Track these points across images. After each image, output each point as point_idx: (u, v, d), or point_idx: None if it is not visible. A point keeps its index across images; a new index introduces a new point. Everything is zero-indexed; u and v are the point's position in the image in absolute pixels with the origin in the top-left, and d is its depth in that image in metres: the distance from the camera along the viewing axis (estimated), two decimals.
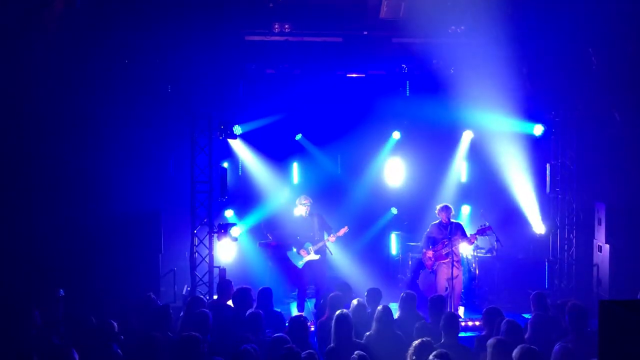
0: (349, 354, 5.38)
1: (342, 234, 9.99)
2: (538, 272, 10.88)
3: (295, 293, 10.31)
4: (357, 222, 11.21)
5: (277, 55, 10.20)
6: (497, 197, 11.36)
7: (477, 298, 10.59)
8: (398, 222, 12.11)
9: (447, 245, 9.37)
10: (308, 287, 10.24)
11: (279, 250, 10.49)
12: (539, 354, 5.31)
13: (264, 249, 11.13)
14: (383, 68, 10.85)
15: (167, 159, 10.92)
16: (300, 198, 9.98)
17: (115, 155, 9.81)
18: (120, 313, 7.20)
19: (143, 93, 9.92)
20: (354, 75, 11.04)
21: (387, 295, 8.08)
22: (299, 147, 12.08)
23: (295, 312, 9.83)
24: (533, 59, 10.29)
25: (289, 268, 9.98)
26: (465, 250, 10.60)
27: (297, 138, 12.00)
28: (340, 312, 6.23)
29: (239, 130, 10.22)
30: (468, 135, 11.90)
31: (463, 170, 12.45)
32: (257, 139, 11.23)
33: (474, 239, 9.69)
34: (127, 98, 9.76)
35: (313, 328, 7.99)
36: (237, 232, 9.89)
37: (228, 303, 7.71)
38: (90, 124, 9.54)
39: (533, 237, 11.21)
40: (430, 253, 9.57)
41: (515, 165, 11.18)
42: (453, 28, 9.74)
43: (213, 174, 9.84)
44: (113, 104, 9.62)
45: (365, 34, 9.90)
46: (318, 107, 11.36)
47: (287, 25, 9.56)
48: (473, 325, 9.06)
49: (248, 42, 9.94)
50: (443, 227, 9.54)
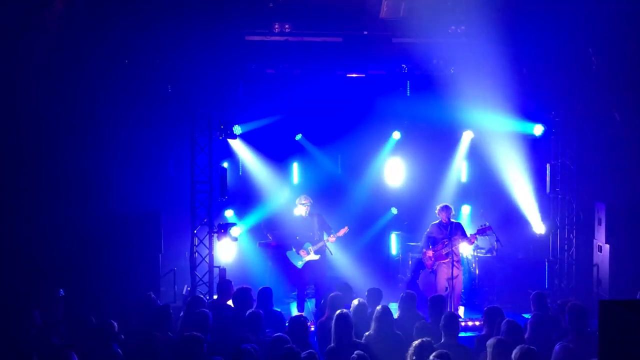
0: (349, 354, 5.38)
1: (342, 234, 9.99)
2: (538, 272, 10.88)
3: (295, 293, 10.31)
4: (357, 222, 11.21)
5: (277, 55, 10.19)
6: (497, 197, 11.36)
7: (477, 298, 10.59)
8: (398, 222, 12.11)
9: (447, 245, 9.37)
10: (308, 287, 10.24)
11: (279, 250, 10.48)
12: (539, 355, 5.31)
13: (264, 249, 11.13)
14: (383, 68, 10.84)
15: (167, 159, 10.92)
16: (301, 198, 9.98)
17: (115, 155, 9.81)
18: (120, 313, 7.20)
19: (143, 93, 9.91)
20: (354, 75, 11.03)
21: (387, 295, 8.09)
22: (299, 147, 12.08)
23: (295, 312, 9.83)
24: (533, 59, 10.28)
25: (289, 268, 9.97)
26: (466, 250, 10.60)
27: (297, 138, 11.99)
28: (340, 312, 6.23)
29: (239, 130, 10.22)
30: (468, 135, 11.89)
31: (463, 170, 12.44)
32: (257, 139, 11.23)
33: (474, 239, 9.69)
34: (127, 98, 9.76)
35: (313, 328, 8.00)
36: (237, 232, 9.89)
37: (228, 303, 7.71)
38: (90, 124, 9.53)
39: (533, 237, 11.21)
40: (431, 253, 9.57)
41: (515, 165, 11.17)
42: (453, 28, 9.73)
43: (213, 174, 9.84)
44: (113, 104, 9.61)
45: (365, 34, 9.89)
46: (318, 107, 11.35)
47: (287, 25, 9.56)
48: (473, 325, 9.07)
49: (248, 42, 9.93)
50: (443, 227, 9.54)
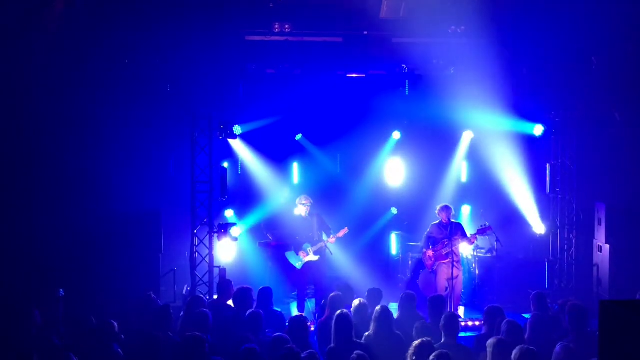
0: (349, 354, 5.38)
1: (342, 235, 9.98)
2: (538, 272, 10.87)
3: (295, 293, 10.31)
4: (357, 222, 11.21)
5: (277, 55, 10.19)
6: (497, 197, 11.35)
7: (477, 298, 10.59)
8: (398, 222, 12.11)
9: (447, 246, 9.37)
10: (308, 287, 10.23)
11: (279, 250, 10.48)
12: (539, 355, 5.31)
13: (264, 249, 11.13)
14: (383, 68, 10.84)
15: (167, 159, 10.92)
16: (301, 198, 9.97)
17: (115, 155, 9.80)
18: (121, 313, 7.20)
19: (143, 93, 9.91)
20: (354, 75, 11.03)
21: (387, 295, 8.09)
22: (299, 147, 12.08)
23: (295, 312, 9.83)
24: (533, 59, 10.28)
25: (289, 268, 9.96)
26: (466, 251, 10.60)
27: (297, 138, 12.00)
28: (341, 312, 6.23)
29: (239, 130, 10.22)
30: (468, 135, 11.89)
31: (463, 170, 12.44)
32: (257, 139, 11.23)
33: (474, 239, 9.70)
34: (127, 98, 9.76)
35: (313, 328, 8.00)
36: (237, 232, 9.89)
37: (228, 303, 7.71)
38: (90, 124, 9.53)
39: (533, 237, 11.20)
40: (431, 253, 9.57)
41: (516, 166, 11.18)
42: (453, 28, 9.73)
43: (213, 174, 9.84)
44: (113, 104, 9.61)
45: (365, 34, 9.88)
46: (318, 107, 11.35)
47: (287, 25, 9.55)
48: (473, 325, 9.07)
49: (248, 42, 9.93)
50: (443, 227, 9.54)
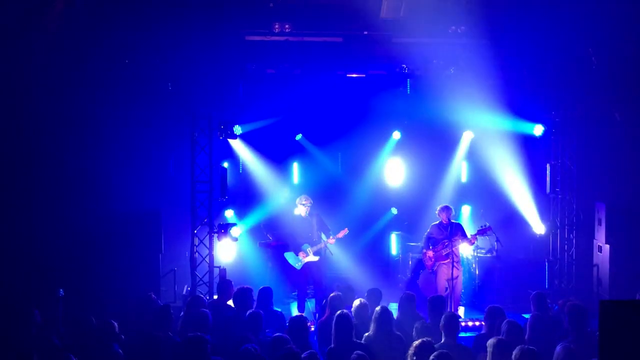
0: (349, 354, 5.38)
1: (342, 236, 9.98)
2: (538, 272, 10.87)
3: (296, 293, 10.31)
4: (357, 222, 11.22)
5: (277, 55, 10.18)
6: (497, 197, 11.35)
7: (477, 298, 10.59)
8: (398, 222, 12.11)
9: (447, 246, 9.37)
10: (308, 287, 10.23)
11: (279, 251, 10.47)
12: (539, 355, 5.31)
13: (264, 249, 11.13)
14: (383, 68, 10.82)
15: (167, 159, 10.92)
16: (301, 198, 9.96)
17: (115, 155, 9.80)
18: (121, 313, 7.20)
19: (143, 93, 9.91)
20: (354, 75, 11.02)
21: (387, 295, 8.09)
22: (299, 147, 12.08)
23: (295, 312, 9.83)
24: (533, 59, 10.27)
25: (289, 268, 9.95)
26: (466, 251, 10.59)
27: (297, 138, 12.00)
28: (341, 312, 6.23)
29: (239, 130, 10.22)
30: (468, 136, 11.89)
31: (463, 170, 12.44)
32: (257, 139, 11.23)
33: (474, 240, 9.69)
34: (127, 98, 9.75)
35: (313, 328, 8.00)
36: (237, 232, 9.88)
37: (228, 303, 7.71)
38: (90, 124, 9.53)
39: (533, 237, 11.21)
40: (431, 253, 9.57)
41: (516, 166, 11.18)
42: (453, 28, 9.73)
43: (213, 174, 9.83)
44: (113, 104, 9.61)
45: (366, 34, 9.88)
46: (318, 107, 11.35)
47: (287, 25, 9.55)
48: (473, 326, 9.07)
49: (248, 42, 9.92)
50: (443, 227, 9.54)
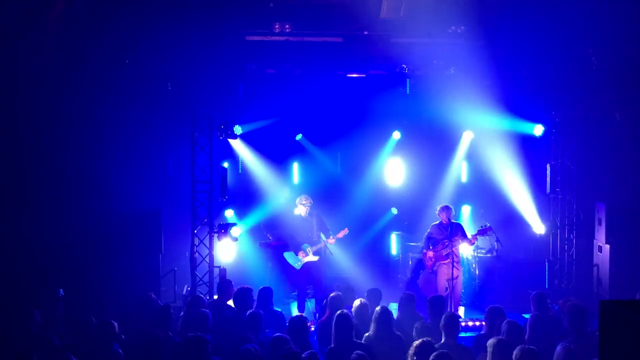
0: (349, 354, 5.38)
1: (342, 236, 9.98)
2: (538, 272, 10.87)
3: (296, 293, 10.30)
4: (357, 222, 11.22)
5: (277, 55, 10.17)
6: (497, 197, 11.35)
7: (477, 298, 10.59)
8: (398, 222, 12.11)
9: (447, 246, 9.37)
10: (308, 287, 10.23)
11: (279, 251, 10.48)
12: (539, 355, 5.31)
13: (264, 249, 11.13)
14: (383, 68, 10.82)
15: (167, 159, 10.92)
16: (301, 198, 9.96)
17: (115, 155, 9.81)
18: (121, 313, 7.20)
19: (143, 93, 9.91)
20: (354, 75, 11.02)
21: (387, 295, 8.09)
22: (299, 147, 12.08)
23: (295, 312, 9.83)
24: (533, 59, 10.27)
25: (289, 268, 9.95)
26: (466, 251, 10.59)
27: (297, 138, 12.00)
28: (341, 312, 6.23)
29: (239, 130, 10.22)
30: (468, 136, 11.89)
31: (463, 170, 12.44)
32: (257, 139, 11.23)
33: (475, 240, 9.69)
34: (127, 98, 9.75)
35: (313, 328, 7.99)
36: (237, 232, 9.89)
37: (228, 303, 7.71)
38: (90, 124, 9.53)
39: (533, 237, 11.20)
40: (431, 254, 9.57)
41: (516, 166, 11.18)
42: (453, 28, 9.72)
43: (213, 174, 9.83)
44: (113, 104, 9.61)
45: (366, 34, 9.87)
46: (318, 107, 11.35)
47: (287, 25, 9.55)
48: (473, 325, 9.07)
49: (248, 42, 9.92)
50: (443, 227, 9.54)
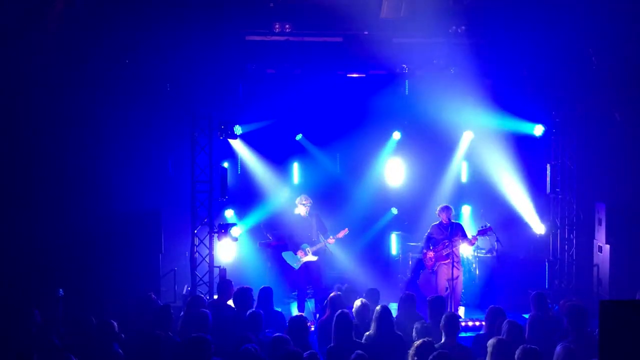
0: (349, 354, 5.38)
1: (342, 236, 9.98)
2: (538, 272, 10.87)
3: (295, 293, 10.30)
4: (357, 222, 11.22)
5: (277, 55, 10.17)
6: (497, 197, 11.35)
7: (477, 298, 10.59)
8: (398, 222, 12.10)
9: (447, 246, 9.37)
10: (308, 287, 10.23)
11: (279, 250, 10.48)
12: (541, 354, 5.31)
13: (264, 249, 11.13)
14: (383, 68, 10.81)
15: (167, 159, 10.92)
16: (301, 198, 9.96)
17: (115, 155, 9.80)
18: (121, 313, 7.20)
19: (143, 93, 9.91)
20: (354, 75, 11.01)
21: (387, 295, 8.10)
22: (299, 147, 12.08)
23: (295, 312, 9.83)
24: (533, 59, 10.27)
25: (289, 268, 9.96)
26: (466, 251, 10.60)
27: (297, 138, 12.00)
28: (341, 311, 6.23)
29: (239, 130, 10.21)
30: (468, 136, 11.88)
31: (463, 171, 12.44)
32: (257, 139, 11.23)
33: (475, 240, 9.70)
34: (127, 98, 9.75)
35: (313, 328, 7.99)
36: (237, 232, 9.89)
37: (228, 303, 7.71)
38: (90, 124, 9.53)
39: (533, 237, 11.20)
40: (431, 254, 9.57)
41: (516, 166, 11.18)
42: (453, 28, 9.72)
43: (213, 174, 9.83)
44: (113, 104, 9.60)
45: (366, 34, 9.87)
46: (318, 107, 11.34)
47: (287, 25, 9.54)
48: (473, 325, 9.07)
49: (248, 42, 9.92)
50: (443, 227, 9.54)
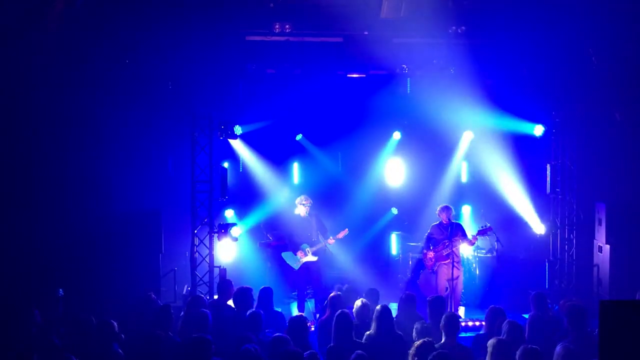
0: (349, 354, 5.38)
1: (342, 237, 9.98)
2: (538, 272, 10.87)
3: (295, 293, 10.31)
4: (357, 222, 11.22)
5: (277, 55, 10.17)
6: (497, 197, 11.35)
7: (477, 298, 10.59)
8: (398, 222, 12.11)
9: (447, 246, 9.37)
10: (308, 287, 10.23)
11: (279, 251, 10.49)
12: (541, 354, 5.31)
13: (264, 249, 11.13)
14: (383, 68, 10.82)
15: (166, 159, 10.92)
16: (301, 198, 9.96)
17: (115, 155, 9.81)
18: (121, 313, 7.19)
19: (143, 93, 9.91)
20: (355, 75, 11.01)
21: (387, 295, 8.10)
22: (300, 147, 12.09)
23: (295, 312, 9.83)
24: (533, 59, 10.27)
25: (289, 268, 9.96)
26: (466, 251, 10.60)
27: (297, 138, 12.00)
28: (341, 311, 6.23)
29: (240, 130, 10.22)
30: (468, 136, 11.89)
31: (463, 171, 12.44)
32: (257, 139, 11.23)
33: (475, 240, 9.70)
34: (127, 98, 9.75)
35: (313, 328, 8.00)
36: (237, 232, 9.89)
37: (228, 303, 7.71)
38: (90, 124, 9.53)
39: (533, 237, 11.20)
40: (431, 254, 9.57)
41: (516, 166, 11.19)
42: (453, 28, 9.72)
43: (213, 174, 9.83)
44: (113, 104, 9.60)
45: (366, 34, 9.87)
46: (318, 107, 11.35)
47: (287, 25, 9.54)
48: (473, 325, 9.08)
49: (248, 42, 9.92)
50: (443, 227, 9.54)
